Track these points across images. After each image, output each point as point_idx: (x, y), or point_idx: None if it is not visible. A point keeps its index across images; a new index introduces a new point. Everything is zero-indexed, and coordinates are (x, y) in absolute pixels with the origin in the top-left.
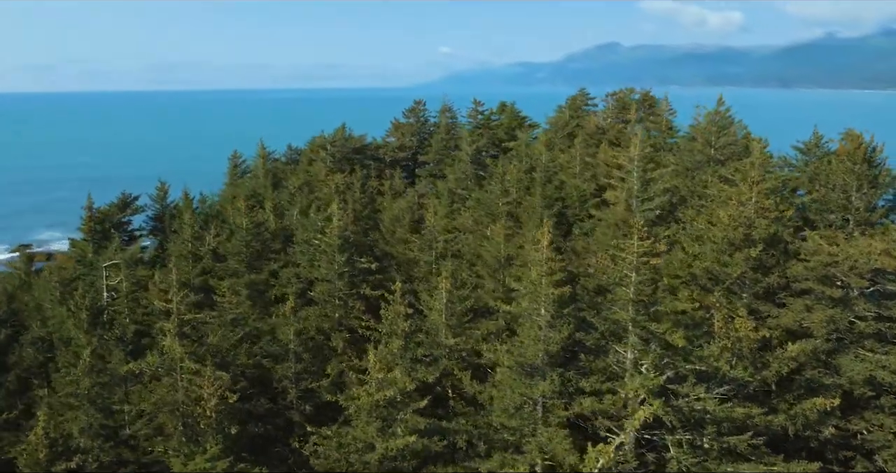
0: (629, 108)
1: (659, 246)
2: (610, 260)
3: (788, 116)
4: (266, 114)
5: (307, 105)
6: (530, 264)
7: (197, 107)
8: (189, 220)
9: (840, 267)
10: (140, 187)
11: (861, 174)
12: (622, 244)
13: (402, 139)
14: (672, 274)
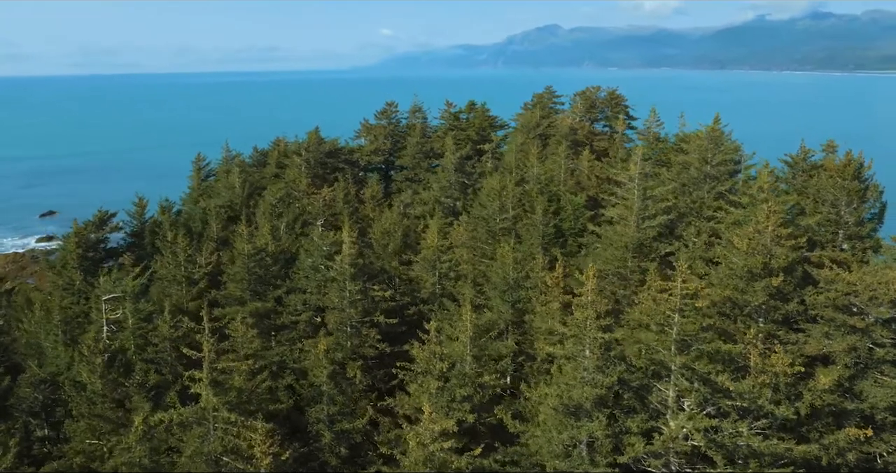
0: (596, 107)
1: (703, 290)
2: (651, 300)
3: (724, 98)
4: (203, 98)
5: (245, 89)
6: (574, 306)
7: (125, 92)
8: (182, 244)
9: (861, 296)
10: (85, 181)
11: (851, 190)
12: (665, 285)
13: (376, 142)
14: None
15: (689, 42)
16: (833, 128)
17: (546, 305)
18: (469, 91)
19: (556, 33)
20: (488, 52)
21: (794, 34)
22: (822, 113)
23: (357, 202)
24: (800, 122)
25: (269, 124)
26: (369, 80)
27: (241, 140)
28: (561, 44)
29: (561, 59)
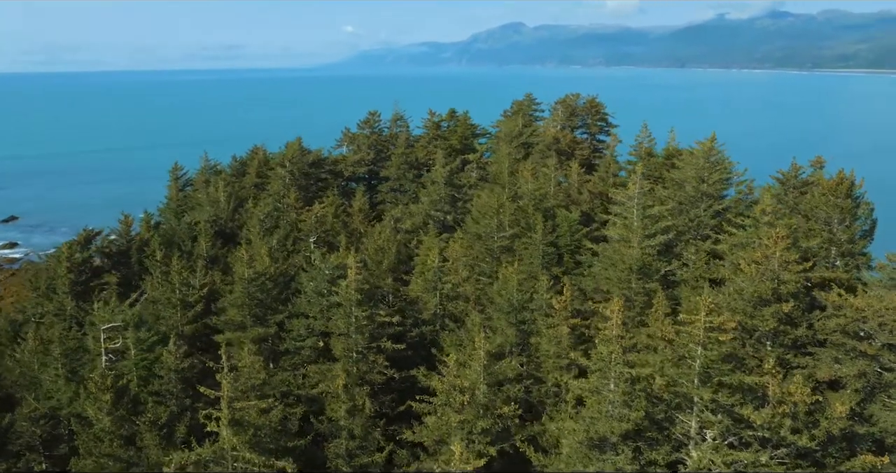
0: (577, 114)
1: (728, 324)
2: (674, 333)
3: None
4: (166, 97)
5: (209, 87)
6: (599, 340)
7: (86, 91)
8: (177, 267)
9: (870, 322)
10: (48, 184)
11: (844, 208)
12: (689, 318)
13: (359, 152)
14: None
15: (651, 40)
16: (792, 126)
17: (554, 328)
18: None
19: (520, 31)
20: (453, 49)
21: (754, 33)
22: (782, 111)
23: (345, 215)
24: (762, 121)
25: (236, 124)
26: (335, 78)
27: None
28: (525, 42)
29: (525, 56)
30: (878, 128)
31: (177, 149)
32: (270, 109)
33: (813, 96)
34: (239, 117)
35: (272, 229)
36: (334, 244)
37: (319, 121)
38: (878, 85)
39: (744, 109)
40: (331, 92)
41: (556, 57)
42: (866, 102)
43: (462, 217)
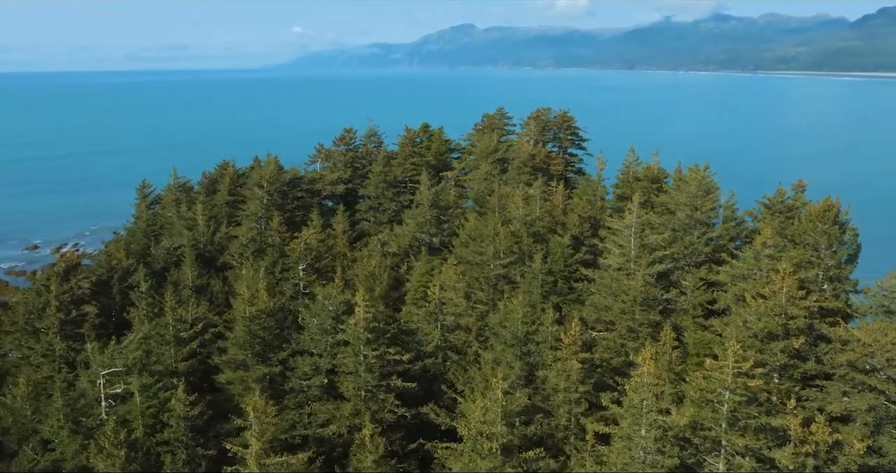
0: (548, 129)
1: (756, 370)
2: (701, 378)
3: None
4: (105, 99)
5: (153, 88)
6: (631, 388)
7: (15, 93)
8: (170, 302)
9: (877, 357)
10: None
11: (832, 235)
12: (717, 364)
13: (335, 169)
14: (703, 353)
15: (600, 42)
16: (741, 128)
17: (562, 362)
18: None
19: (470, 33)
20: (404, 51)
21: (698, 35)
22: (730, 113)
23: (329, 238)
24: (712, 123)
25: (183, 127)
26: (283, 80)
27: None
28: (476, 43)
29: (476, 58)
30: (821, 130)
31: (117, 157)
32: (215, 112)
33: (758, 98)
34: (182, 120)
35: (256, 254)
36: (322, 270)
37: (271, 125)
38: (817, 87)
39: (694, 111)
40: (279, 93)
41: (507, 58)
42: (808, 104)
43: (448, 239)
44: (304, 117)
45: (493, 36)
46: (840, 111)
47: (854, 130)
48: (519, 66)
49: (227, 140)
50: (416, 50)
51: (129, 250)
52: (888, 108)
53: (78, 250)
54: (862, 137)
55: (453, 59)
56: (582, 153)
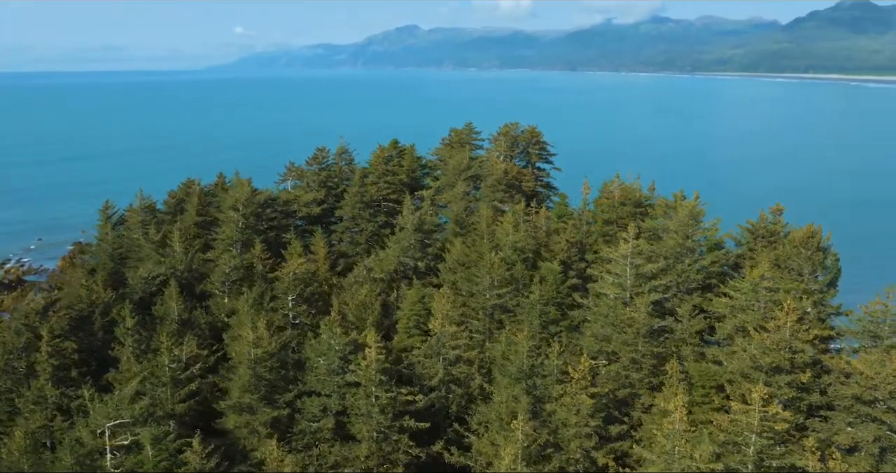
0: (517, 144)
1: (784, 414)
2: (728, 422)
3: (582, 100)
4: (43, 102)
5: (90, 90)
6: (660, 433)
7: None
8: (166, 343)
9: (881, 390)
10: None
11: (816, 260)
12: (743, 407)
13: (309, 190)
14: (708, 385)
15: (543, 44)
16: (684, 128)
17: (572, 397)
18: (329, 91)
19: (415, 34)
20: (348, 51)
21: (638, 37)
22: (673, 115)
23: (310, 262)
24: (657, 125)
25: (122, 133)
26: (227, 81)
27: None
28: (420, 44)
29: (421, 59)
30: (764, 133)
31: (56, 166)
32: (157, 117)
33: (702, 100)
34: (122, 126)
35: (239, 282)
36: (311, 300)
37: (217, 130)
38: (752, 88)
39: (642, 113)
40: (222, 95)
41: (451, 59)
42: (749, 106)
43: (433, 262)
44: (249, 121)
45: (438, 37)
46: (779, 113)
47: (793, 133)
48: (464, 67)
49: (173, 148)
50: (361, 51)
51: (94, 273)
52: (822, 110)
53: (23, 266)
54: (801, 140)
55: (398, 59)
56: (550, 167)
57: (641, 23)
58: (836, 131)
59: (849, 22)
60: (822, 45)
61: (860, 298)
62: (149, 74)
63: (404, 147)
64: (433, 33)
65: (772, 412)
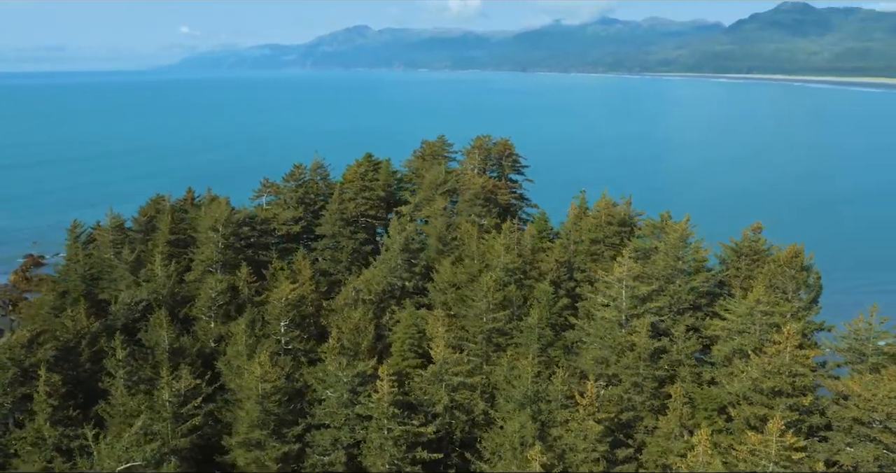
0: (490, 157)
1: (799, 442)
2: (747, 452)
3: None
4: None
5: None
6: (687, 466)
7: None
8: (166, 378)
9: (878, 412)
10: None
11: (800, 279)
12: (762, 438)
13: (286, 207)
14: (710, 407)
15: (493, 44)
16: (632, 127)
17: (579, 423)
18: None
19: (364, 34)
20: (297, 52)
21: (586, 38)
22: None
23: (294, 281)
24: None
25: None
26: (172, 82)
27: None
28: (370, 45)
29: (371, 60)
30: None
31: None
32: (97, 121)
33: (649, 101)
34: (58, 130)
35: (225, 306)
36: (302, 324)
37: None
38: (700, 88)
39: (598, 114)
40: (167, 95)
41: (402, 60)
42: (697, 106)
43: (421, 282)
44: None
45: (388, 37)
46: (731, 113)
47: (747, 133)
48: (414, 68)
49: (121, 154)
50: (310, 51)
51: (65, 296)
52: (771, 110)
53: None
54: (755, 141)
55: (348, 60)
56: (522, 178)
57: (589, 24)
58: (787, 131)
59: (789, 24)
60: (763, 46)
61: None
62: (91, 75)
63: (378, 160)
64: (383, 34)
65: (789, 442)
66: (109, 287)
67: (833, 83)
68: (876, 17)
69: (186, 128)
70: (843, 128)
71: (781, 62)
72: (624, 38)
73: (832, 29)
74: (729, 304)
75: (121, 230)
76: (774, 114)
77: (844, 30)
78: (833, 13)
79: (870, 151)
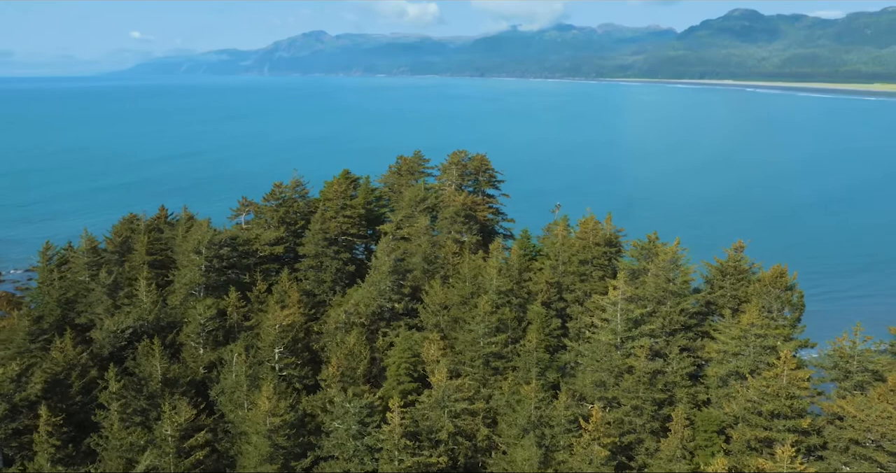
0: (467, 172)
1: (810, 468)
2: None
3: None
4: None
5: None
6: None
7: None
8: (168, 411)
9: (873, 433)
10: None
11: (784, 299)
12: (772, 464)
13: (266, 226)
14: (710, 430)
15: (451, 50)
16: (587, 132)
17: (584, 447)
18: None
19: (322, 40)
20: (254, 57)
21: (543, 44)
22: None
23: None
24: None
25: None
26: (125, 88)
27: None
28: (328, 50)
29: (329, 65)
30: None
31: None
32: (40, 129)
33: (609, 105)
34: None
35: (213, 333)
36: (294, 349)
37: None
38: (656, 94)
39: (556, 120)
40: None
41: (360, 65)
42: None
43: (410, 303)
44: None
45: (346, 43)
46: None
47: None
48: (372, 73)
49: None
50: (267, 56)
51: (40, 321)
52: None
53: None
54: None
55: (306, 65)
56: (498, 193)
57: (546, 30)
58: (748, 138)
59: (738, 31)
60: (715, 52)
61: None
62: (39, 81)
63: (354, 177)
64: (341, 39)
65: (799, 469)
66: (86, 311)
67: (782, 88)
68: (821, 24)
69: (139, 137)
70: (798, 135)
71: (733, 67)
72: (580, 44)
73: (780, 35)
74: (719, 325)
75: (95, 252)
76: (733, 120)
77: (791, 36)
78: (781, 20)
79: (826, 158)
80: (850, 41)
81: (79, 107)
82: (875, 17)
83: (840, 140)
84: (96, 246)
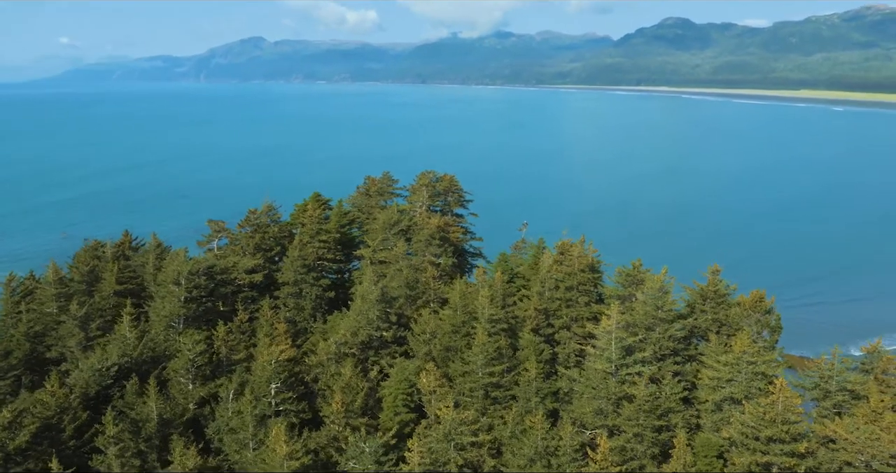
0: (437, 193)
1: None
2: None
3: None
4: None
5: None
6: None
7: None
8: (178, 455)
9: (864, 455)
10: None
11: (764, 322)
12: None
13: (241, 251)
14: (710, 455)
15: (392, 57)
16: (533, 141)
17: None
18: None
19: (260, 46)
20: (189, 64)
21: (483, 51)
22: (522, 128)
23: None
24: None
25: None
26: (54, 96)
27: None
28: (266, 57)
29: (268, 71)
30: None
31: None
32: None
33: (551, 112)
34: None
35: (203, 368)
36: (288, 382)
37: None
38: (595, 101)
39: (499, 129)
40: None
41: (299, 72)
42: (597, 118)
43: (398, 331)
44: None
45: (285, 49)
46: (637, 127)
47: (653, 148)
48: (312, 80)
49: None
50: (204, 63)
51: (8, 356)
52: (661, 123)
53: None
54: (663, 155)
55: (244, 72)
56: (466, 213)
57: (486, 37)
58: (690, 145)
59: (672, 39)
60: (650, 59)
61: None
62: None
63: (325, 199)
64: (280, 45)
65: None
66: (56, 344)
67: (716, 95)
68: (750, 33)
69: (74, 149)
70: (740, 142)
71: (668, 74)
72: (520, 51)
73: (711, 43)
74: (706, 350)
75: (62, 282)
76: (675, 128)
77: (722, 44)
78: (712, 28)
79: (772, 167)
80: (777, 49)
81: (1, 117)
82: (799, 26)
83: (781, 148)
84: (62, 276)
